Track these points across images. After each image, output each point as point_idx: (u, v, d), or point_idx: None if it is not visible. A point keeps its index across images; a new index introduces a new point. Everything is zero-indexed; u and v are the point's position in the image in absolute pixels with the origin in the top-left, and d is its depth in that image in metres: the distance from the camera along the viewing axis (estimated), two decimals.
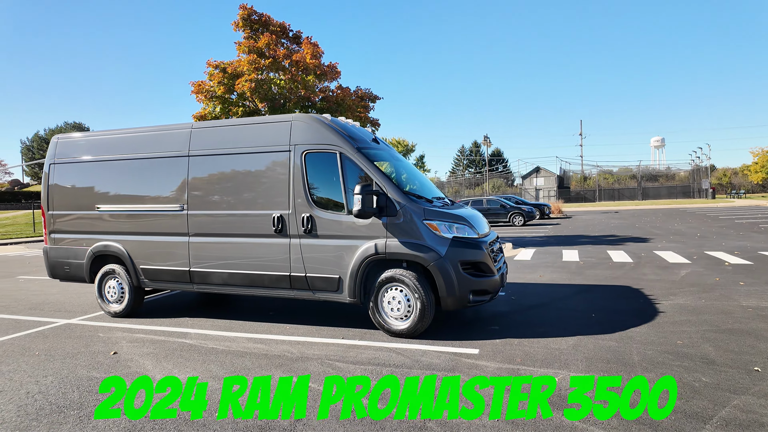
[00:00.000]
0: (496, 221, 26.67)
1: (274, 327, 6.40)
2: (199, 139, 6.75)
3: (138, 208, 7.03)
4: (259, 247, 6.27)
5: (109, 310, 7.36)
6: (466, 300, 5.56)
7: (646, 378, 4.16)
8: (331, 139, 5.99)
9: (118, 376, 4.75)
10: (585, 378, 4.23)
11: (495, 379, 4.27)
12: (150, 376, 4.74)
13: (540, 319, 6.25)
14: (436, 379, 4.34)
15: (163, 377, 4.69)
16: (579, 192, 64.35)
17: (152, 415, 3.86)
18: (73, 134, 7.78)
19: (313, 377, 4.53)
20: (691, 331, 5.50)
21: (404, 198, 5.67)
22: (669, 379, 4.15)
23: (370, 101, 18.03)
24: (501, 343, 5.31)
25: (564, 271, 9.89)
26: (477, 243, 5.74)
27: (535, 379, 4.23)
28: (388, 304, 5.74)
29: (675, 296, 7.26)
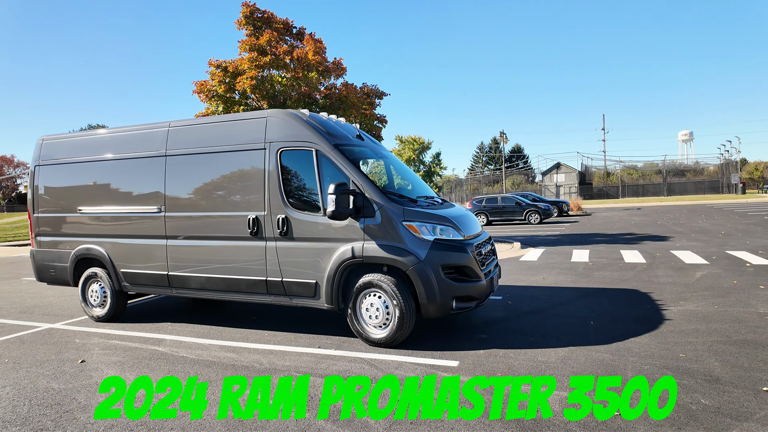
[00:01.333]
0: (512, 219, 26.04)
1: (252, 334, 6.12)
2: (176, 139, 6.52)
3: (118, 210, 6.84)
4: (235, 250, 5.99)
5: (93, 314, 7.21)
6: (449, 307, 5.16)
7: (646, 378, 4.08)
8: (307, 136, 5.66)
9: (119, 377, 4.73)
10: (585, 378, 4.15)
11: (495, 379, 4.20)
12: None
13: (533, 327, 5.80)
14: (436, 379, 4.29)
15: (162, 377, 4.66)
16: (601, 188, 62.68)
17: (152, 415, 3.85)
18: (58, 135, 7.65)
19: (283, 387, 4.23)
20: (698, 342, 4.98)
21: (382, 198, 5.30)
22: (669, 379, 4.05)
23: (377, 98, 17.71)
24: (485, 355, 4.90)
25: (570, 272, 9.36)
26: (461, 245, 5.33)
27: (535, 379, 4.16)
28: (366, 311, 5.39)
29: (686, 301, 6.70)
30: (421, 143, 57.61)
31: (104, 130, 7.29)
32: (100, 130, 7.34)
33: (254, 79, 13.86)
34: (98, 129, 7.34)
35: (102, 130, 7.32)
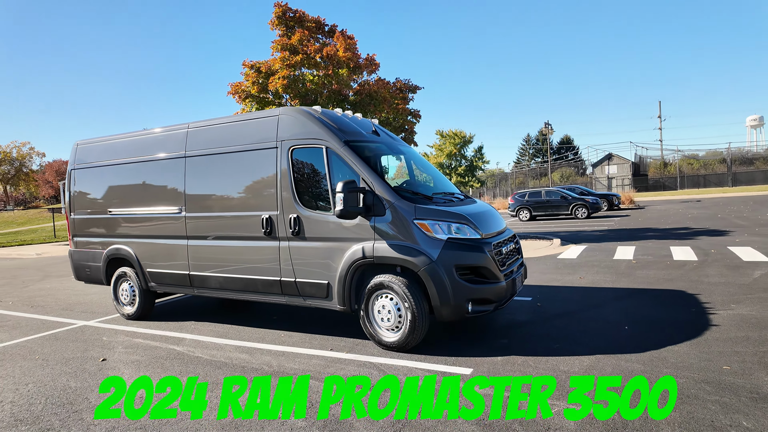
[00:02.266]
0: (557, 214, 24.97)
1: (269, 334, 6.07)
2: (195, 139, 6.56)
3: (144, 211, 7.00)
4: (251, 250, 5.96)
5: (123, 312, 7.43)
6: (464, 310, 4.87)
7: (646, 378, 4.01)
8: (317, 133, 5.51)
9: (119, 377, 4.79)
10: (585, 378, 4.09)
11: (495, 379, 4.15)
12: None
13: (560, 332, 5.39)
14: (436, 379, 4.24)
15: (162, 378, 4.70)
16: (658, 180, 59.12)
17: (152, 415, 3.86)
18: (91, 139, 7.93)
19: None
20: (747, 352, 4.42)
21: (393, 195, 5.07)
22: (669, 378, 3.98)
23: (410, 92, 17.37)
24: (501, 363, 4.58)
25: (610, 271, 8.73)
26: (477, 245, 5.01)
27: (535, 379, 4.11)
28: (378, 314, 5.18)
29: (738, 304, 6.03)
30: (463, 137, 56.63)
31: (130, 132, 7.47)
32: (127, 133, 7.53)
33: (286, 79, 13.93)
34: (128, 132, 7.53)
35: (128, 132, 7.50)
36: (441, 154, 56.66)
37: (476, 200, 6.29)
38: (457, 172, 56.61)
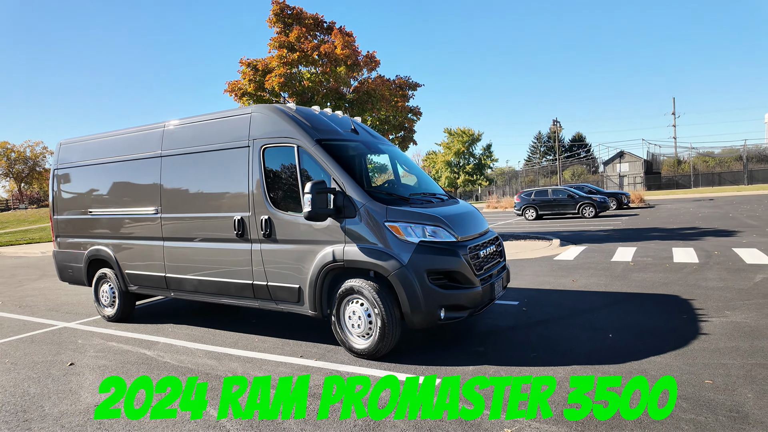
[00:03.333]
0: (564, 213, 24.50)
1: (244, 339, 5.91)
2: (170, 139, 6.43)
3: (122, 211, 6.89)
4: (223, 252, 5.81)
5: (104, 314, 7.34)
6: (436, 317, 4.65)
7: (646, 378, 3.98)
8: (289, 132, 5.33)
9: (119, 376, 4.79)
10: (585, 378, 4.07)
11: (495, 379, 4.15)
12: (79, 396, 4.42)
13: (541, 340, 5.14)
14: (436, 379, 4.23)
15: (162, 377, 4.70)
16: (671, 178, 57.99)
17: (152, 415, 3.86)
18: (74, 139, 7.85)
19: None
20: (734, 365, 4.14)
21: (364, 196, 4.87)
22: (669, 378, 3.94)
23: (410, 89, 17.15)
24: (472, 372, 4.35)
25: (605, 274, 8.42)
26: (451, 248, 4.79)
27: (535, 379, 4.09)
28: (349, 320, 4.99)
29: (733, 311, 5.71)
30: (471, 135, 56.34)
31: (111, 132, 7.36)
32: (108, 132, 7.42)
33: (282, 77, 13.79)
34: (109, 131, 7.42)
35: (109, 132, 7.39)
36: (449, 152, 56.48)
37: (459, 201, 6.06)
38: (465, 170, 56.39)
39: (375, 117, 16.63)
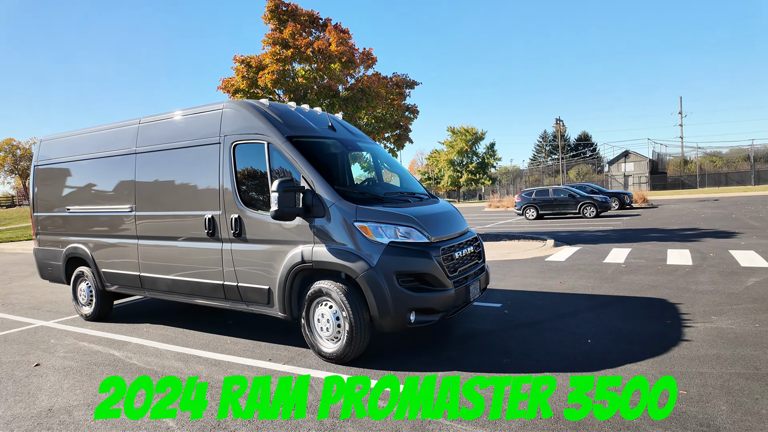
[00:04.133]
0: (565, 213, 24.22)
1: (216, 340, 5.78)
2: (145, 135, 6.30)
3: (98, 209, 6.78)
4: (195, 251, 5.68)
5: (82, 312, 7.25)
6: (406, 321, 4.49)
7: (646, 378, 3.96)
8: (260, 128, 5.18)
9: (119, 376, 4.73)
10: (585, 378, 4.05)
11: (495, 379, 4.12)
12: (36, 399, 4.31)
13: (517, 344, 4.97)
14: (436, 379, 4.21)
15: (162, 377, 4.65)
16: (677, 178, 57.38)
17: (152, 415, 3.84)
18: (53, 135, 7.75)
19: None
20: (712, 374, 3.95)
21: (333, 195, 4.71)
22: (669, 378, 3.92)
23: (407, 87, 16.96)
24: (438, 379, 4.19)
25: (595, 276, 8.21)
26: (423, 249, 4.62)
27: (535, 379, 4.07)
28: (318, 323, 4.84)
29: (720, 316, 5.51)
30: (474, 134, 56.02)
31: (89, 128, 7.25)
32: (86, 128, 7.31)
33: (275, 74, 13.65)
34: (87, 128, 7.31)
35: (87, 128, 7.28)
36: (452, 150, 56.15)
37: (439, 200, 5.89)
38: (468, 169, 56.04)
39: (370, 115, 16.48)
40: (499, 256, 10.74)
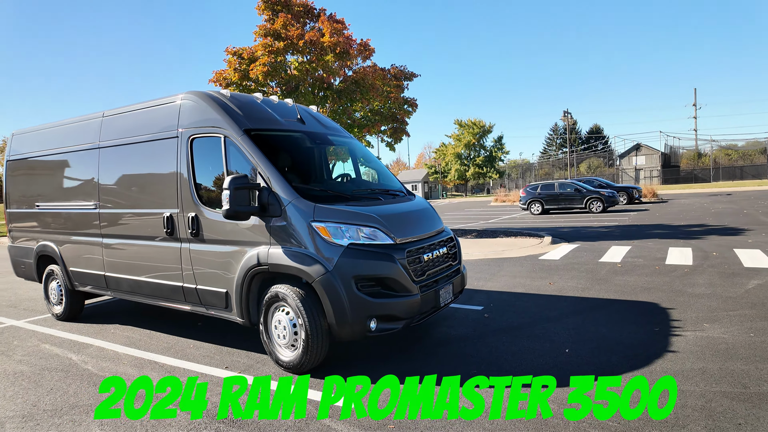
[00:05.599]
0: (571, 208, 23.66)
1: (180, 344, 5.54)
2: (108, 128, 6.04)
3: (65, 205, 6.56)
4: (155, 251, 5.42)
5: (53, 312, 7.06)
6: (365, 329, 4.18)
7: (646, 378, 3.90)
8: (216, 120, 4.87)
9: (119, 376, 4.63)
10: (585, 378, 3.97)
11: (495, 379, 4.04)
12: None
13: (489, 354, 4.63)
14: (436, 379, 4.12)
15: (162, 377, 4.58)
16: (690, 171, 56.11)
17: (152, 415, 3.79)
18: (27, 128, 7.53)
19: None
20: (695, 392, 3.57)
21: (290, 193, 4.40)
22: (669, 379, 3.85)
23: (405, 79, 16.54)
24: (386, 394, 3.87)
25: (587, 276, 7.80)
26: (385, 252, 4.30)
27: (535, 379, 3.99)
28: (275, 329, 4.55)
29: (713, 324, 5.10)
30: (482, 127, 55.28)
31: (58, 121, 7.00)
32: (56, 122, 7.07)
33: (267, 66, 13.34)
34: (56, 121, 7.07)
35: (57, 121, 7.04)
36: (459, 144, 55.48)
37: (415, 198, 5.56)
38: (476, 162, 55.33)
39: (366, 108, 16.10)
40: (492, 253, 10.36)
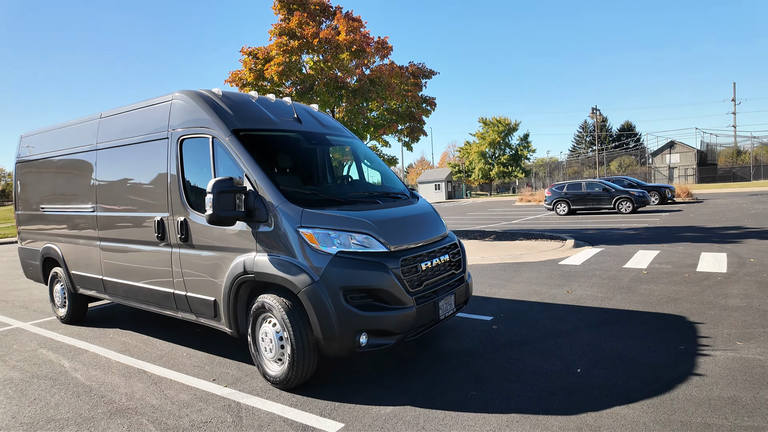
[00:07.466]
0: (599, 208, 22.76)
1: (175, 351, 5.37)
2: (105, 130, 5.92)
3: (66, 208, 6.51)
4: (147, 256, 5.26)
5: (58, 314, 7.03)
6: (355, 344, 3.87)
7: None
8: (205, 121, 4.65)
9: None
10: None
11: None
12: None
13: (493, 372, 4.25)
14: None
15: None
16: (729, 169, 53.58)
17: None
18: (34, 130, 7.53)
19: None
20: (723, 426, 3.12)
21: (278, 197, 4.13)
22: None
23: (424, 77, 16.13)
24: (386, 417, 3.55)
25: (609, 285, 7.27)
26: (377, 261, 3.98)
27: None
28: (262, 341, 4.29)
29: (747, 342, 4.57)
30: (507, 124, 54.22)
31: (62, 123, 6.95)
32: (60, 123, 7.02)
33: (281, 65, 13.18)
34: (61, 123, 7.02)
35: (61, 123, 7.00)
36: (483, 142, 54.54)
37: (417, 201, 5.21)
38: (500, 161, 54.30)
39: (383, 107, 15.77)
40: (509, 258, 9.89)
